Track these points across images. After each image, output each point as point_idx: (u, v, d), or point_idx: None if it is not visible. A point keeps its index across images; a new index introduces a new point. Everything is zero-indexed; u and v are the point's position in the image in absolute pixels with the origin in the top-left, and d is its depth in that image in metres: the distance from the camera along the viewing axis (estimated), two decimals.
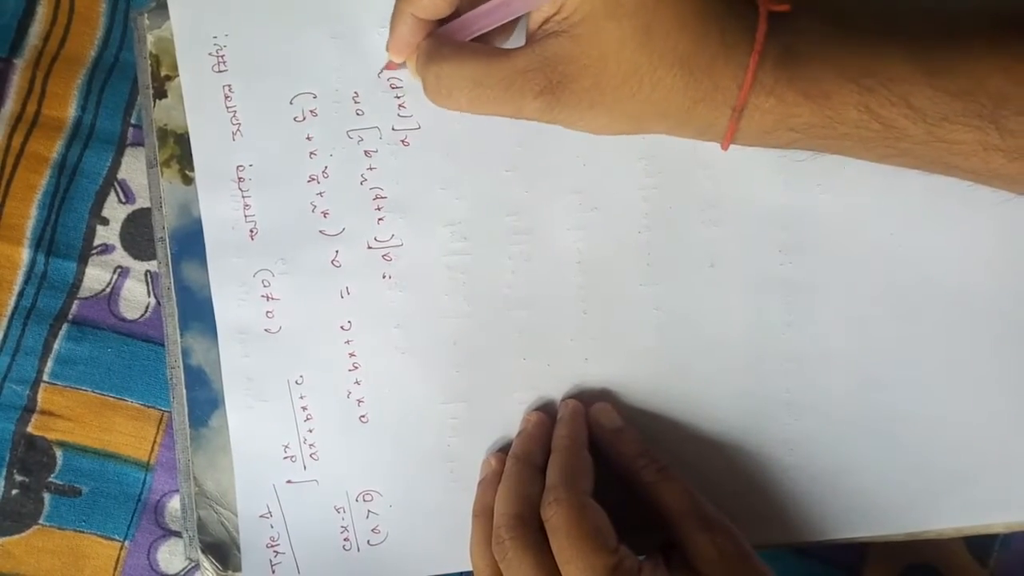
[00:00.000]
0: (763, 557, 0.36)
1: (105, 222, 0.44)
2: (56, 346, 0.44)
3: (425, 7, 0.34)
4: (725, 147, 0.35)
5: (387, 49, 0.37)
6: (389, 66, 0.38)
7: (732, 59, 0.33)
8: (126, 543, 0.44)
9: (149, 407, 0.44)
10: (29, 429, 0.44)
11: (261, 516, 0.42)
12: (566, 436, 0.39)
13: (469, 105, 0.35)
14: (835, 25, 0.34)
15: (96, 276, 0.44)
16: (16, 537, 0.44)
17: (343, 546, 0.42)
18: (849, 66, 0.33)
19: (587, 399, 0.41)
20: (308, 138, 0.41)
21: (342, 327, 0.41)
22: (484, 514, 0.39)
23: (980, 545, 0.43)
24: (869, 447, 0.41)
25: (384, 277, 0.41)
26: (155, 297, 0.44)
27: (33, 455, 0.44)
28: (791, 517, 0.41)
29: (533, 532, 0.36)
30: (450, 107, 0.35)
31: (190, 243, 0.42)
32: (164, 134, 0.42)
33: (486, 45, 0.36)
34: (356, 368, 0.42)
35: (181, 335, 0.42)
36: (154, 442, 0.44)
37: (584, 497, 0.36)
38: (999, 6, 0.35)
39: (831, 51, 0.33)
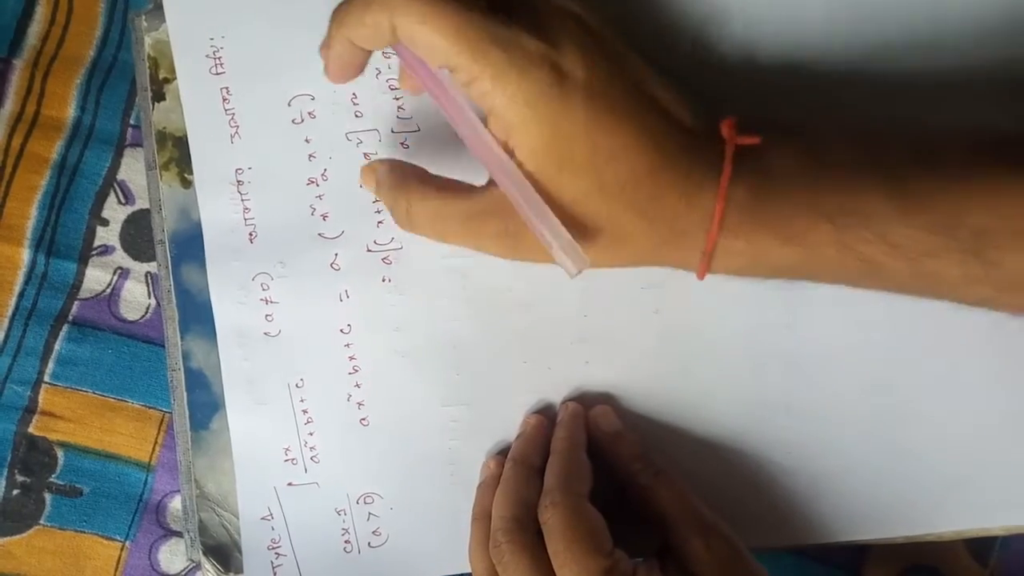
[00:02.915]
0: (762, 558, 0.37)
1: (105, 223, 0.44)
2: (57, 347, 0.44)
3: (365, 41, 0.33)
4: (700, 278, 0.34)
5: (325, 71, 0.35)
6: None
7: (696, 206, 0.32)
8: (127, 543, 0.45)
9: (150, 408, 0.44)
10: (30, 430, 0.44)
11: (262, 518, 0.42)
12: (564, 439, 0.39)
13: (435, 236, 0.35)
14: (805, 156, 0.33)
15: (96, 277, 0.44)
16: (17, 537, 0.44)
17: (344, 548, 0.42)
18: (823, 203, 0.32)
19: (588, 402, 0.41)
20: (307, 140, 0.41)
21: (342, 330, 0.41)
22: (483, 517, 0.39)
23: (980, 546, 0.43)
24: (868, 450, 0.41)
25: (384, 280, 0.41)
26: (155, 298, 0.44)
27: (34, 455, 0.44)
28: (791, 520, 0.41)
29: (530, 535, 0.36)
30: (418, 235, 0.35)
31: (189, 246, 0.42)
32: (163, 137, 0.42)
33: (451, 180, 0.35)
34: (356, 371, 0.42)
35: (181, 338, 0.42)
36: (155, 443, 0.44)
37: (580, 500, 0.36)
38: (977, 128, 0.34)
39: (802, 187, 0.32)
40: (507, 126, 0.31)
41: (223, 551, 0.42)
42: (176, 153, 0.42)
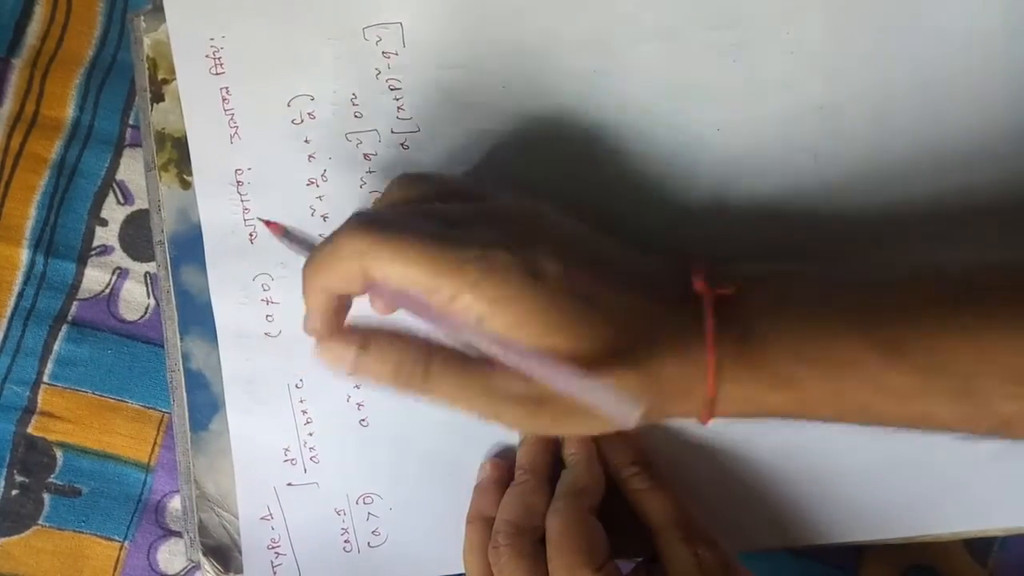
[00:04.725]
0: (760, 557, 0.37)
1: (104, 223, 0.44)
2: (56, 347, 0.44)
3: (338, 286, 0.33)
4: (705, 423, 0.34)
5: (305, 329, 0.35)
6: (272, 225, 0.37)
7: (691, 360, 0.33)
8: (126, 543, 0.45)
9: (149, 408, 0.44)
10: (29, 430, 0.44)
11: (262, 518, 0.42)
12: (576, 452, 0.39)
13: (454, 405, 0.34)
14: (784, 305, 0.33)
15: (95, 277, 0.44)
16: (16, 537, 0.44)
17: (344, 548, 0.42)
18: (808, 351, 0.32)
19: None
20: (306, 141, 0.41)
21: None
22: (478, 520, 0.39)
23: (979, 546, 0.43)
24: (866, 451, 0.40)
25: None
26: (154, 298, 0.44)
27: (33, 456, 0.44)
28: (790, 521, 0.41)
29: (530, 542, 0.36)
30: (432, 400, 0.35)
31: (189, 247, 0.42)
32: (162, 138, 0.42)
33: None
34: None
35: (181, 339, 0.42)
36: (154, 443, 0.44)
37: (582, 512, 0.36)
38: (943, 263, 0.34)
39: (786, 335, 0.33)
40: (500, 325, 0.32)
41: (223, 551, 0.42)
42: (175, 154, 0.42)
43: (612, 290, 0.33)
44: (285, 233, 0.36)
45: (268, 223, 0.36)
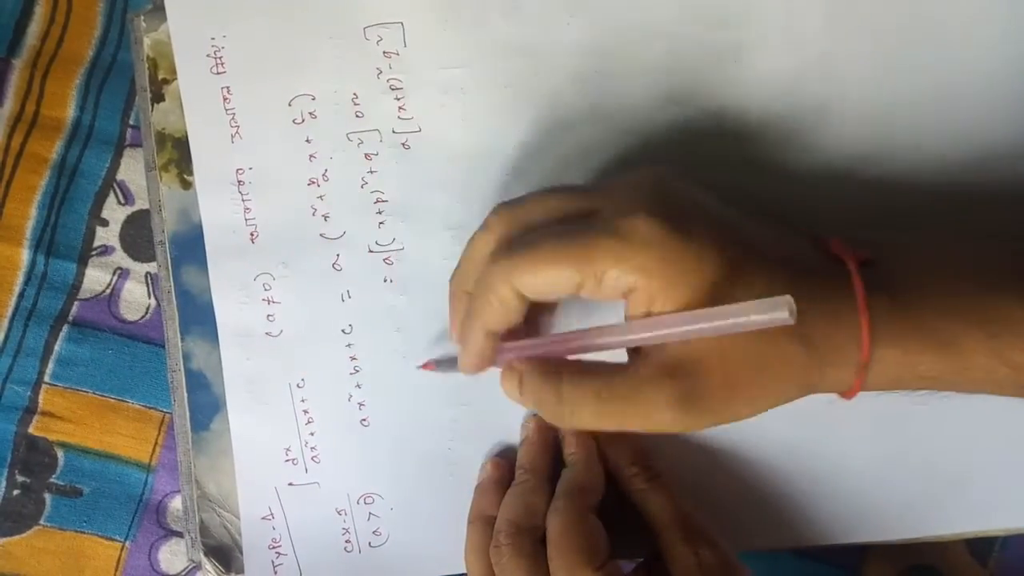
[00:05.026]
0: (761, 557, 0.37)
1: (104, 223, 0.44)
2: (57, 347, 0.44)
3: (498, 321, 0.34)
4: (850, 397, 0.34)
5: (461, 368, 0.36)
6: (427, 366, 0.40)
7: (843, 323, 0.32)
8: (127, 544, 0.45)
9: (150, 408, 0.44)
10: (30, 430, 0.44)
11: (263, 518, 0.42)
12: (576, 452, 0.39)
13: (595, 421, 0.33)
14: (932, 264, 0.33)
15: (96, 277, 0.44)
16: (17, 538, 0.44)
17: (344, 548, 0.42)
18: (967, 311, 0.32)
19: None
20: (308, 140, 0.41)
21: (343, 331, 0.41)
22: (479, 520, 0.39)
23: (980, 546, 0.43)
24: (868, 451, 0.41)
25: (385, 281, 0.41)
26: (155, 298, 0.44)
27: (34, 456, 0.44)
28: (791, 521, 0.41)
29: (531, 542, 0.36)
30: (575, 426, 0.35)
31: (189, 247, 0.42)
32: (162, 138, 0.42)
33: (595, 361, 0.34)
34: (357, 372, 0.42)
35: (182, 339, 0.42)
36: (155, 443, 0.44)
37: (583, 512, 0.36)
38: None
39: (942, 295, 0.32)
40: (650, 296, 0.31)
41: (224, 551, 0.42)
42: (175, 154, 0.42)
43: (753, 253, 0.32)
44: (438, 365, 0.40)
45: (424, 365, 0.40)
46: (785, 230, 0.35)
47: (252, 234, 0.42)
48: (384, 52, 0.40)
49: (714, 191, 0.34)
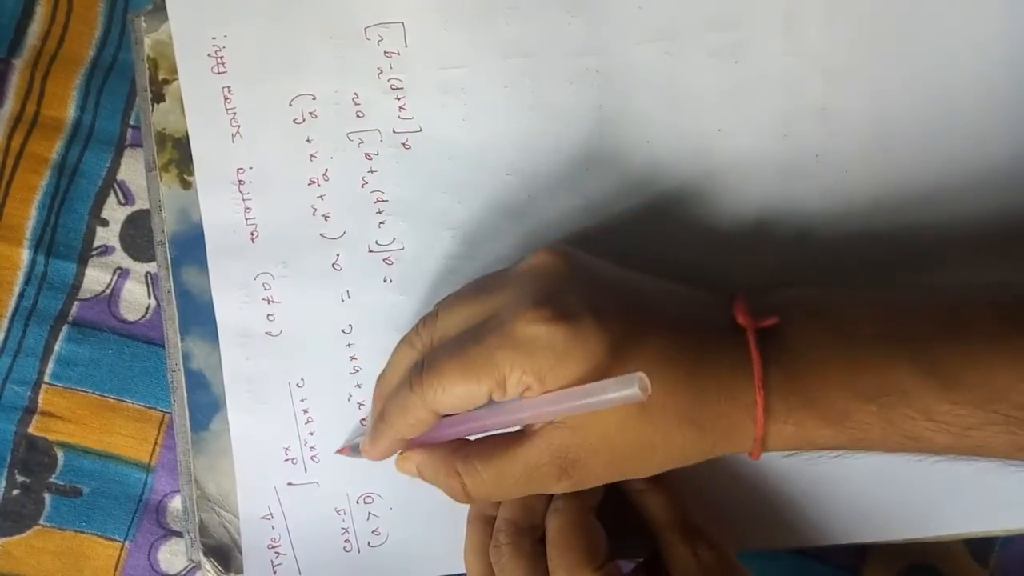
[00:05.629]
0: (761, 557, 0.37)
1: (105, 223, 0.44)
2: (57, 347, 0.44)
3: (412, 433, 0.36)
4: (755, 459, 0.35)
5: (365, 456, 0.38)
6: (343, 451, 0.41)
7: (738, 399, 0.33)
8: (127, 544, 0.45)
9: (150, 408, 0.44)
10: (30, 430, 0.44)
11: (262, 518, 0.42)
12: None
13: (500, 496, 0.36)
14: (831, 335, 0.33)
15: (96, 277, 0.44)
16: (16, 538, 0.44)
17: (344, 547, 0.42)
18: (860, 384, 0.32)
19: None
20: (308, 140, 0.41)
21: (343, 330, 0.41)
22: (478, 519, 0.39)
23: (980, 546, 0.43)
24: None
25: (385, 281, 0.41)
26: (155, 299, 0.44)
27: (34, 456, 0.44)
28: (789, 521, 0.41)
29: (531, 542, 0.36)
30: (477, 503, 0.37)
31: (190, 247, 0.42)
32: (162, 138, 0.42)
33: (492, 438, 0.36)
34: (357, 371, 0.42)
35: (182, 339, 0.42)
36: (155, 443, 0.44)
37: (582, 512, 0.36)
38: (997, 293, 0.33)
39: (836, 368, 0.32)
40: (542, 380, 0.32)
41: (223, 551, 0.42)
42: (176, 155, 0.42)
43: (650, 318, 0.33)
44: (352, 451, 0.41)
45: (340, 451, 0.42)
46: (692, 292, 0.36)
47: (252, 234, 0.42)
48: (385, 52, 0.41)
49: (612, 257, 0.36)
